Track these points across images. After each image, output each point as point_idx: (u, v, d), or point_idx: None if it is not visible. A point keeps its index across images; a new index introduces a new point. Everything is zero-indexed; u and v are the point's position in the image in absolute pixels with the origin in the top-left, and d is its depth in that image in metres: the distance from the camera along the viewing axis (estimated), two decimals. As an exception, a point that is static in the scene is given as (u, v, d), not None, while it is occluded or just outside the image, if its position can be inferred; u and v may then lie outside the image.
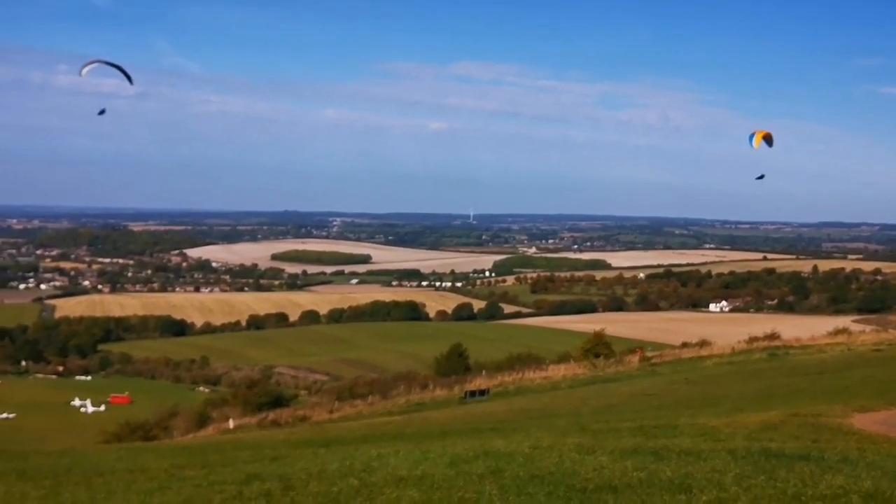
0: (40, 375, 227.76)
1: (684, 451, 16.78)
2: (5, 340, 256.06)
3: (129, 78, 47.63)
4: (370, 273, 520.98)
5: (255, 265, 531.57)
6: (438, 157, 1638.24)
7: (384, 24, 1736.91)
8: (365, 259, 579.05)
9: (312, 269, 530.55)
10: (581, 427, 23.69)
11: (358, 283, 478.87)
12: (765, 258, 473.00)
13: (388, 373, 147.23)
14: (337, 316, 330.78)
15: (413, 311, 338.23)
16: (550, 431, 22.39)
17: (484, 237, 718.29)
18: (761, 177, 53.71)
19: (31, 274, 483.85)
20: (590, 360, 77.12)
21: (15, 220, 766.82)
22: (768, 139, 49.38)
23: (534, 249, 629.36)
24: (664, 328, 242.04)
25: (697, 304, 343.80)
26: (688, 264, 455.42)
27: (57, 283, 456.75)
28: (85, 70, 46.39)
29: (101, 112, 49.80)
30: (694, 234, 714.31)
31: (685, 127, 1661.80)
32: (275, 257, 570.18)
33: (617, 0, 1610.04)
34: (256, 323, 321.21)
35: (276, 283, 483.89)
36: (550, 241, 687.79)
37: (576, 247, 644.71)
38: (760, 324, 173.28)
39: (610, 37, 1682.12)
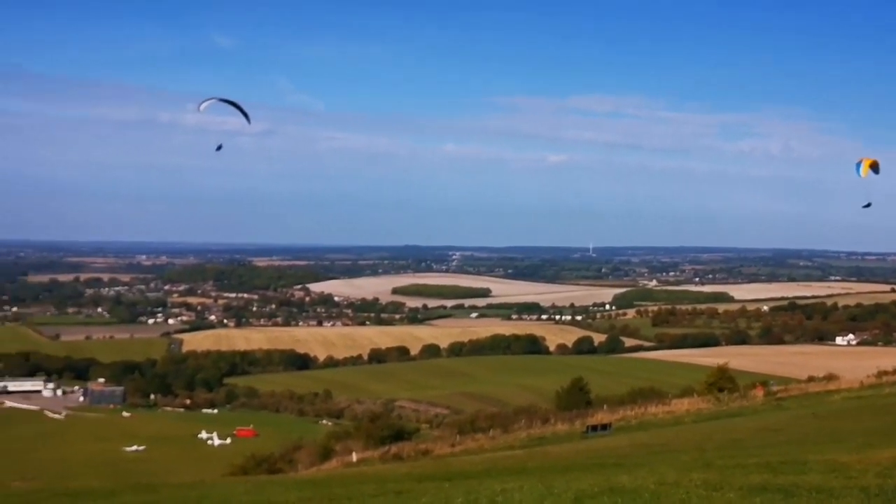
0: (168, 408, 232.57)
1: (815, 488, 16.44)
2: (135, 374, 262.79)
3: (246, 116, 48.73)
4: (490, 306, 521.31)
5: (377, 299, 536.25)
6: (557, 190, 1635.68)
7: (502, 58, 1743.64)
8: (484, 293, 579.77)
9: (433, 302, 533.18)
10: (706, 463, 23.34)
11: (478, 317, 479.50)
12: (893, 290, 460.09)
13: (508, 406, 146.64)
14: (457, 349, 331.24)
15: (533, 345, 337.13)
16: (675, 467, 22.12)
17: (604, 270, 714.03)
18: (868, 205, 52.74)
19: (160, 309, 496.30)
20: (713, 394, 75.83)
21: (144, 257, 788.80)
22: (875, 167, 48.39)
23: (654, 282, 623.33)
24: (789, 362, 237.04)
25: (823, 337, 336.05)
26: (813, 297, 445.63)
27: (184, 318, 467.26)
28: (203, 106, 47.64)
29: (219, 148, 51.09)
30: (819, 265, 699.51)
31: (807, 156, 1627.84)
32: (395, 291, 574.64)
33: (736, 29, 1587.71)
34: (378, 356, 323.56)
35: (397, 316, 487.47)
36: (671, 273, 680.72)
37: (697, 279, 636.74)
38: (890, 357, 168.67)
39: (729, 66, 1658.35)
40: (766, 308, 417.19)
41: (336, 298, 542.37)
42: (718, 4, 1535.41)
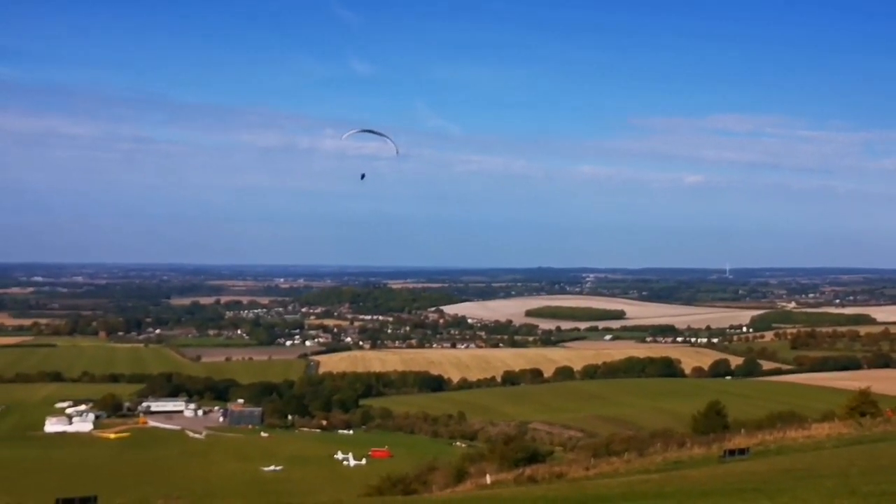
0: (305, 429, 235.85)
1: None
2: (273, 395, 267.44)
3: (395, 146, 49.23)
4: (624, 329, 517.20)
5: (510, 321, 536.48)
6: (694, 211, 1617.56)
7: (640, 78, 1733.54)
8: (618, 315, 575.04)
9: (566, 324, 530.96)
10: (851, 489, 22.79)
11: (612, 339, 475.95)
12: None
13: (643, 430, 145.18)
14: (591, 372, 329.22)
15: (668, 368, 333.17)
16: (818, 493, 21.67)
17: (741, 292, 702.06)
18: None
19: (297, 331, 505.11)
20: (855, 418, 73.80)
21: (282, 280, 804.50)
22: None
23: (793, 304, 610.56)
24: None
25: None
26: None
27: (321, 340, 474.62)
28: (346, 135, 48.38)
29: (363, 177, 51.85)
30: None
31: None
32: (529, 313, 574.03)
33: (878, 44, 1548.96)
34: (511, 379, 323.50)
35: (531, 339, 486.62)
36: (811, 295, 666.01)
37: (837, 301, 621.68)
38: None
39: (873, 82, 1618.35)
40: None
41: (470, 320, 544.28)
42: (859, 20, 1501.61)
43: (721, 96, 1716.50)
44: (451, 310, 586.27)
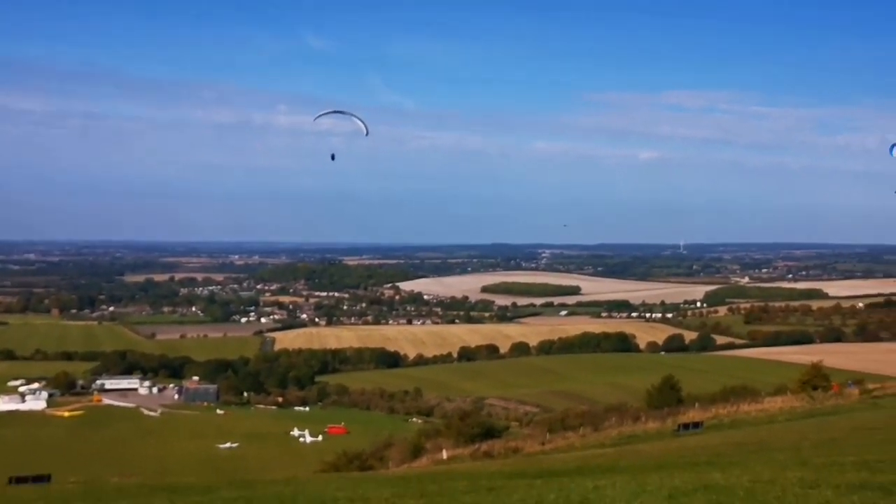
0: (261, 406, 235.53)
1: (914, 486, 16.13)
2: (229, 373, 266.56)
3: (364, 125, 48.80)
4: (579, 304, 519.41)
5: (466, 297, 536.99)
6: (648, 187, 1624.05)
7: (594, 55, 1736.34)
8: (574, 290, 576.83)
9: (522, 300, 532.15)
10: (802, 461, 23.02)
11: (567, 315, 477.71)
12: None
13: (598, 405, 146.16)
14: (547, 348, 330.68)
15: (623, 343, 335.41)
16: (770, 465, 21.86)
17: (695, 267, 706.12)
18: None
19: (252, 308, 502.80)
20: (807, 392, 74.70)
21: (237, 257, 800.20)
22: None
23: (746, 279, 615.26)
24: (885, 359, 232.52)
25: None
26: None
27: (276, 317, 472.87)
28: (317, 116, 47.89)
29: (333, 157, 51.31)
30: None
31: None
32: (485, 289, 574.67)
33: (830, 21, 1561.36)
34: (467, 355, 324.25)
35: (487, 315, 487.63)
36: (764, 270, 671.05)
37: (790, 276, 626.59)
38: None
39: (825, 59, 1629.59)
40: (861, 305, 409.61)
41: (426, 297, 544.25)
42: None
43: (675, 72, 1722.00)
44: (406, 286, 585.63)
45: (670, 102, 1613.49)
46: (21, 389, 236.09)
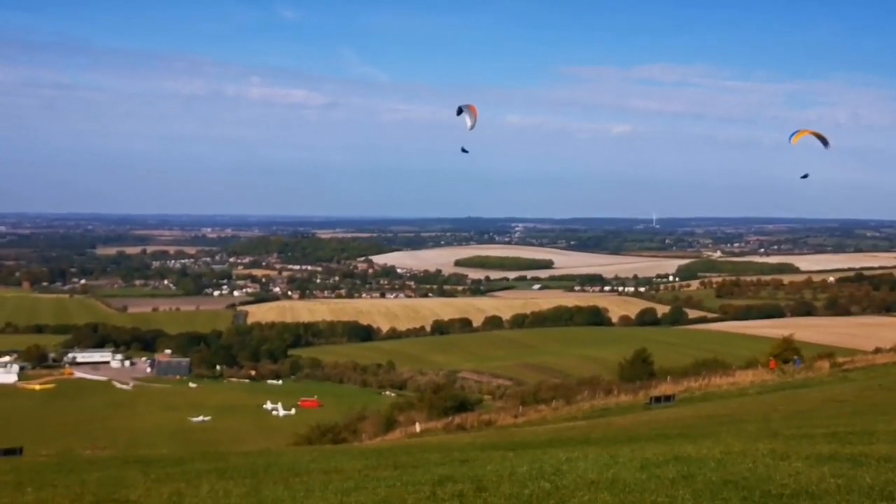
0: (234, 379, 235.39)
1: (883, 457, 16.23)
2: (201, 346, 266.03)
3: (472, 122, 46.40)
4: (552, 278, 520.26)
5: (439, 271, 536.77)
6: (621, 161, 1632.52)
7: (567, 28, 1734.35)
8: (547, 264, 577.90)
9: (495, 274, 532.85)
10: (772, 433, 23.19)
11: (540, 289, 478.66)
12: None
13: (571, 378, 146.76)
14: (520, 321, 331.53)
15: (596, 316, 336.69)
16: (740, 437, 22.00)
17: (667, 241, 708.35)
18: (805, 176, 54.02)
19: (225, 281, 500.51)
20: (778, 365, 75.28)
21: (209, 230, 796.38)
22: (823, 139, 48.51)
23: (718, 253, 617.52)
24: (856, 333, 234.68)
25: (891, 309, 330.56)
26: (880, 267, 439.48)
27: (249, 290, 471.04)
28: (469, 123, 46.00)
29: (464, 150, 48.88)
30: (886, 235, 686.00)
31: (877, 125, 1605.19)
32: (458, 263, 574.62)
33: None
34: (441, 328, 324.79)
35: (460, 288, 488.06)
36: (736, 244, 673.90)
37: (762, 250, 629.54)
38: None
39: (797, 34, 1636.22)
40: (832, 279, 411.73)
41: (399, 270, 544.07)
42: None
43: (649, 46, 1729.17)
44: (380, 259, 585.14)
45: (643, 76, 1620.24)
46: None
